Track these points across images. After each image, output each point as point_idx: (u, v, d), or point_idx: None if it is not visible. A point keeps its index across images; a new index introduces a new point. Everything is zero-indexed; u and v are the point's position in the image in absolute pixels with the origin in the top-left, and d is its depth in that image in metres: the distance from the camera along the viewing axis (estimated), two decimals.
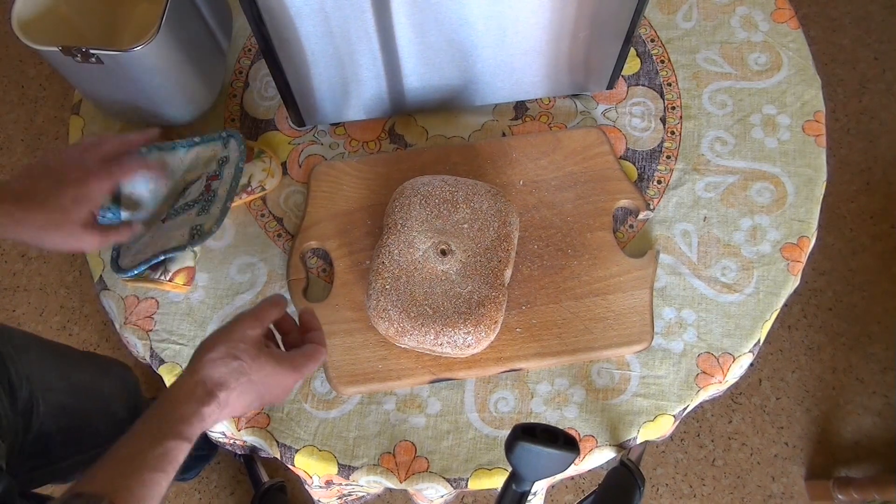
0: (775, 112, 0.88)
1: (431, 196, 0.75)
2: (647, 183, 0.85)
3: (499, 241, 0.73)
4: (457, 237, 0.73)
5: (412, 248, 0.72)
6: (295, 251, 0.81)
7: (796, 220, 0.82)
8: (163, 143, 0.83)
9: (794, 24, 0.92)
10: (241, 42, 0.94)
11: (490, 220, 0.74)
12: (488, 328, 0.70)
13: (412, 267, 0.72)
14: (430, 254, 0.72)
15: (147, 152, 0.82)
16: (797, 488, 1.38)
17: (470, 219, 0.74)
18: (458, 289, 0.71)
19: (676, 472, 1.40)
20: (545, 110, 0.89)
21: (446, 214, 0.74)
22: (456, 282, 0.71)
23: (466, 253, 0.72)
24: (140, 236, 0.80)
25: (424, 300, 0.70)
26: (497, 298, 0.71)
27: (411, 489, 0.74)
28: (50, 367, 0.87)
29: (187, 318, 0.80)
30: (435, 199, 0.74)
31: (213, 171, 0.81)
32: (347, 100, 0.83)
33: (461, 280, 0.71)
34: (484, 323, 0.70)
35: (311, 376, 0.77)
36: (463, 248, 0.72)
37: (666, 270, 0.80)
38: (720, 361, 0.76)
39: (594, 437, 0.74)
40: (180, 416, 0.52)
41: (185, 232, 0.77)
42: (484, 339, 0.71)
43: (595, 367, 0.76)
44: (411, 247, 0.72)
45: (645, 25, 0.93)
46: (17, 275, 1.58)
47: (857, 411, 1.44)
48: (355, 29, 0.71)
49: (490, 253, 0.72)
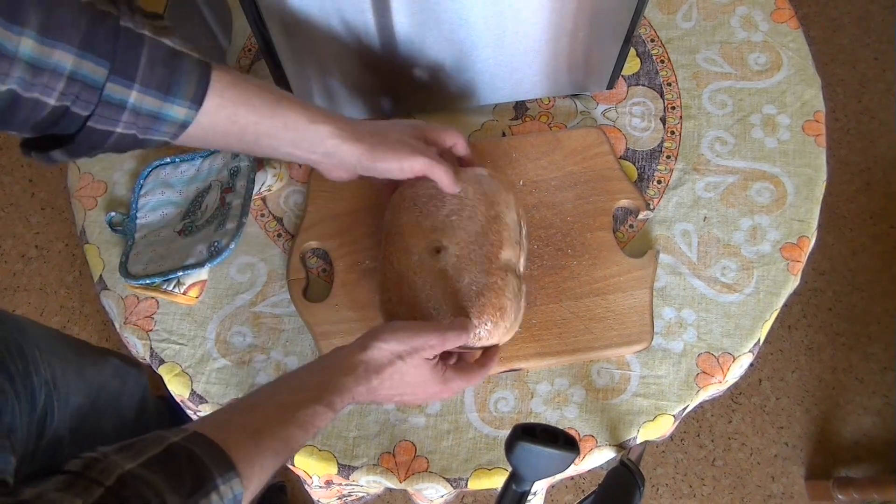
0: (775, 112, 0.88)
1: (418, 197, 0.71)
2: (647, 183, 0.85)
3: (488, 224, 0.69)
4: (447, 232, 0.69)
5: (408, 254, 0.69)
6: (295, 251, 0.81)
7: (796, 219, 0.82)
8: (184, 155, 0.86)
9: (794, 24, 0.92)
10: (241, 42, 0.94)
11: (476, 204, 0.70)
12: (494, 316, 0.66)
13: (412, 272, 0.68)
14: (424, 256, 0.68)
15: (172, 161, 0.85)
16: (797, 488, 1.38)
17: (457, 209, 0.70)
18: (456, 284, 0.67)
19: (676, 472, 1.40)
20: (545, 110, 0.89)
21: (434, 211, 0.70)
22: (454, 277, 0.67)
23: (459, 245, 0.68)
24: (151, 243, 0.81)
25: (428, 302, 0.67)
26: (495, 284, 0.67)
27: (411, 489, 0.74)
28: (69, 368, 0.85)
29: (187, 318, 0.80)
30: (422, 199, 0.71)
31: (227, 182, 0.82)
32: (347, 100, 0.83)
33: (458, 274, 0.67)
34: (487, 312, 0.66)
35: None
36: (455, 242, 0.68)
37: (666, 270, 0.80)
38: (720, 361, 0.76)
39: (594, 437, 0.74)
40: (335, 387, 0.55)
41: (204, 249, 0.78)
42: (497, 328, 0.66)
43: (595, 367, 0.77)
44: (407, 253, 0.69)
45: (645, 25, 0.93)
46: (17, 275, 1.58)
47: (857, 411, 1.44)
48: (355, 29, 0.71)
49: (482, 239, 0.68)
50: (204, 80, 0.53)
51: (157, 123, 0.52)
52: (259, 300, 0.80)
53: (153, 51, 0.50)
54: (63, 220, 1.63)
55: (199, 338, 0.79)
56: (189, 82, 0.52)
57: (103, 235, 0.84)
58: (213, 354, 0.78)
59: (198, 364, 0.78)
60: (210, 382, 0.77)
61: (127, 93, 0.50)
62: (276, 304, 0.80)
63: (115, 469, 0.41)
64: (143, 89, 0.50)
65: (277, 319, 0.79)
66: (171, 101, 0.52)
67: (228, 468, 0.46)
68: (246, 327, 0.79)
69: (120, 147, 0.53)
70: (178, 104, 0.52)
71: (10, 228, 1.63)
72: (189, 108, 0.53)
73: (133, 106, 0.50)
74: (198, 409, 0.77)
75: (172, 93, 0.51)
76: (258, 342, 0.78)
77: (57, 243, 1.61)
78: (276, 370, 0.77)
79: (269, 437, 0.50)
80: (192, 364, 0.78)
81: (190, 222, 0.82)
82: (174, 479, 0.43)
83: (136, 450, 0.44)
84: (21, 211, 1.63)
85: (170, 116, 0.52)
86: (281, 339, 0.78)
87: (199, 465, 0.45)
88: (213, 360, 0.78)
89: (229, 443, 0.47)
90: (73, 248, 1.60)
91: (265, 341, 0.78)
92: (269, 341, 0.78)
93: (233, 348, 0.78)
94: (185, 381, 0.77)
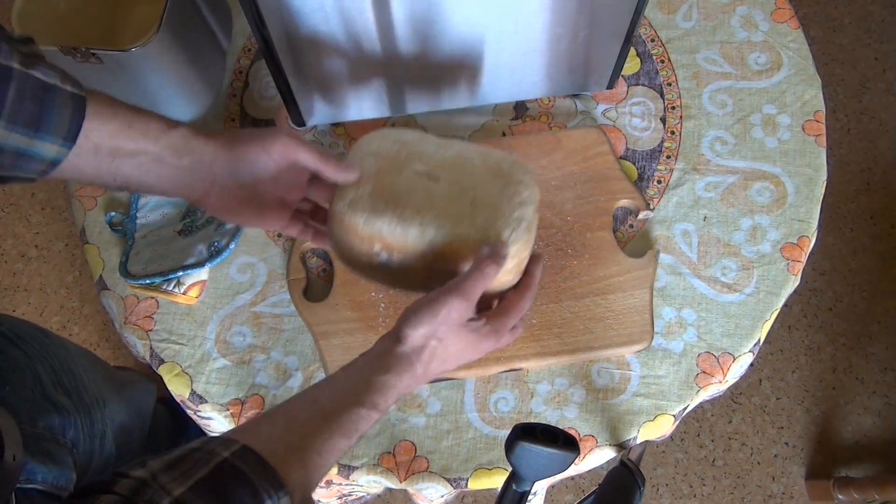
0: (775, 112, 0.88)
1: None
2: (647, 183, 0.85)
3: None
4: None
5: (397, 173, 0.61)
6: (295, 251, 0.81)
7: (796, 219, 0.82)
8: None
9: (795, 23, 0.92)
10: (241, 42, 0.94)
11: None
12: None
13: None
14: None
15: None
16: (797, 488, 1.38)
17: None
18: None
19: (676, 472, 1.40)
20: (545, 110, 0.89)
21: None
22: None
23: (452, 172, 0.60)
24: (151, 243, 0.81)
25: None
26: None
27: (411, 489, 0.74)
28: (110, 386, 0.84)
29: (187, 318, 0.80)
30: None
31: None
32: (347, 100, 0.83)
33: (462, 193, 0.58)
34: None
35: (310, 376, 0.77)
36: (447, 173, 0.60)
37: (666, 270, 0.80)
38: (720, 361, 0.76)
39: (594, 437, 0.74)
40: (376, 387, 0.52)
41: (204, 248, 0.79)
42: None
43: (595, 367, 0.76)
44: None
45: (645, 25, 0.93)
46: (17, 275, 1.58)
47: (857, 411, 1.44)
48: (355, 29, 0.71)
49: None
50: (78, 115, 0.50)
51: (23, 161, 0.49)
52: (259, 300, 0.80)
53: (21, 85, 0.47)
54: (63, 220, 1.63)
55: (199, 338, 0.79)
56: (61, 118, 0.49)
57: (103, 235, 0.84)
58: (213, 354, 0.78)
59: (198, 364, 0.78)
60: (210, 382, 0.77)
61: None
62: (276, 304, 0.80)
63: (162, 498, 0.40)
64: (8, 126, 0.47)
65: (277, 319, 0.79)
66: (42, 138, 0.49)
67: (278, 486, 0.44)
68: (246, 327, 0.79)
69: None
70: (48, 141, 0.49)
71: (10, 228, 1.63)
72: (61, 145, 0.50)
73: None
74: (198, 408, 0.77)
75: (42, 129, 0.48)
76: (258, 342, 0.78)
77: (57, 243, 1.61)
78: (276, 370, 0.77)
79: (315, 453, 0.48)
80: (192, 364, 0.78)
81: (190, 222, 0.82)
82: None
83: (183, 469, 0.42)
84: (21, 211, 1.63)
85: (39, 154, 0.49)
86: (281, 339, 0.78)
87: (248, 486, 0.43)
88: (213, 360, 0.78)
89: (277, 459, 0.45)
90: (73, 248, 1.60)
91: (265, 341, 0.78)
92: (269, 341, 0.78)
93: (233, 348, 0.78)
94: (185, 381, 0.77)
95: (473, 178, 0.60)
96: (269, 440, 0.47)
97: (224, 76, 0.92)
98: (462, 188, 0.59)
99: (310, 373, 0.77)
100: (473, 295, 0.54)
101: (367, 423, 0.52)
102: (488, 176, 0.60)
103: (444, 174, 0.59)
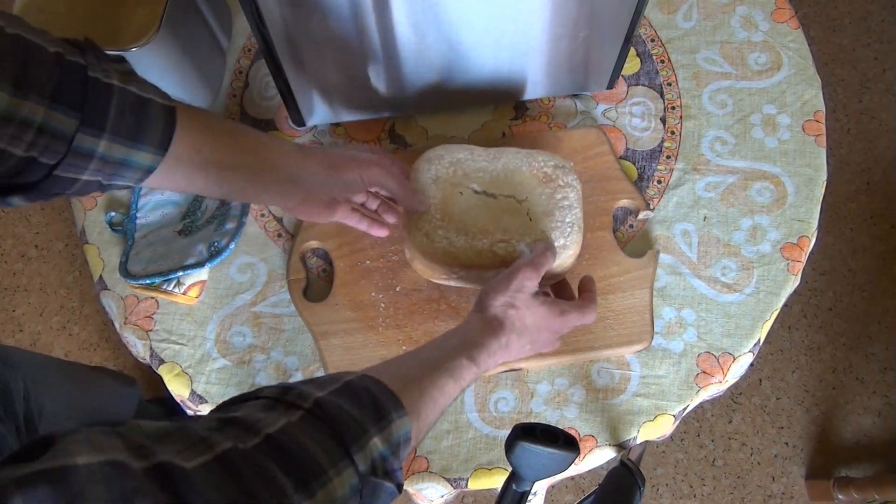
0: (775, 112, 0.88)
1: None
2: (647, 183, 0.85)
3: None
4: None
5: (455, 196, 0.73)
6: (295, 251, 0.81)
7: (796, 219, 0.82)
8: None
9: (794, 23, 0.92)
10: (241, 42, 0.94)
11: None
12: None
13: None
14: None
15: None
16: (797, 488, 1.38)
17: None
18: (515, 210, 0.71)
19: (676, 472, 1.40)
20: (545, 110, 0.89)
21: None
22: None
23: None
24: (151, 243, 0.81)
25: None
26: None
27: (411, 489, 0.74)
28: (60, 395, 0.85)
29: (187, 317, 0.80)
30: None
31: None
32: (347, 100, 0.83)
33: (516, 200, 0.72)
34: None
35: (310, 376, 0.77)
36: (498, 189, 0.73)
37: (666, 270, 0.80)
38: (720, 361, 0.76)
39: (594, 437, 0.74)
40: (476, 343, 0.58)
41: (204, 248, 0.79)
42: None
43: (595, 367, 0.76)
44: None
45: (645, 25, 0.93)
46: (17, 275, 1.58)
47: (857, 411, 1.44)
48: (355, 29, 0.71)
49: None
50: (170, 126, 0.54)
51: (122, 170, 0.53)
52: (259, 300, 0.80)
53: (121, 100, 0.51)
54: (63, 220, 1.63)
55: (199, 338, 0.79)
56: (156, 129, 0.53)
57: (103, 235, 0.84)
58: (213, 354, 0.78)
59: (198, 364, 0.78)
60: (210, 382, 0.77)
61: (96, 142, 0.50)
62: (276, 304, 0.80)
63: (310, 395, 0.44)
64: (112, 138, 0.51)
65: (277, 319, 0.79)
66: (138, 147, 0.52)
67: (399, 406, 0.48)
68: (246, 327, 0.79)
69: (81, 192, 0.54)
70: (144, 150, 0.53)
71: (10, 228, 1.63)
72: (155, 153, 0.53)
73: (102, 155, 0.51)
74: (198, 409, 0.77)
75: (140, 140, 0.52)
76: (258, 342, 0.78)
77: (57, 243, 1.61)
78: (276, 370, 0.77)
79: (428, 385, 0.53)
80: (192, 364, 0.78)
81: (190, 222, 0.82)
82: (360, 408, 0.46)
83: (319, 383, 0.47)
84: (21, 211, 1.63)
85: (136, 163, 0.53)
86: (281, 339, 0.78)
87: (375, 400, 0.47)
88: (212, 360, 0.78)
89: (394, 386, 0.50)
90: (73, 248, 1.60)
91: (265, 341, 0.78)
92: (269, 341, 0.78)
93: (233, 348, 0.78)
94: (185, 381, 0.77)
95: (524, 187, 0.71)
96: (384, 373, 0.51)
97: (224, 76, 0.92)
98: (517, 200, 0.71)
99: (310, 373, 0.77)
100: (541, 269, 0.63)
101: (470, 374, 0.56)
102: (536, 182, 0.72)
103: (497, 189, 0.71)
